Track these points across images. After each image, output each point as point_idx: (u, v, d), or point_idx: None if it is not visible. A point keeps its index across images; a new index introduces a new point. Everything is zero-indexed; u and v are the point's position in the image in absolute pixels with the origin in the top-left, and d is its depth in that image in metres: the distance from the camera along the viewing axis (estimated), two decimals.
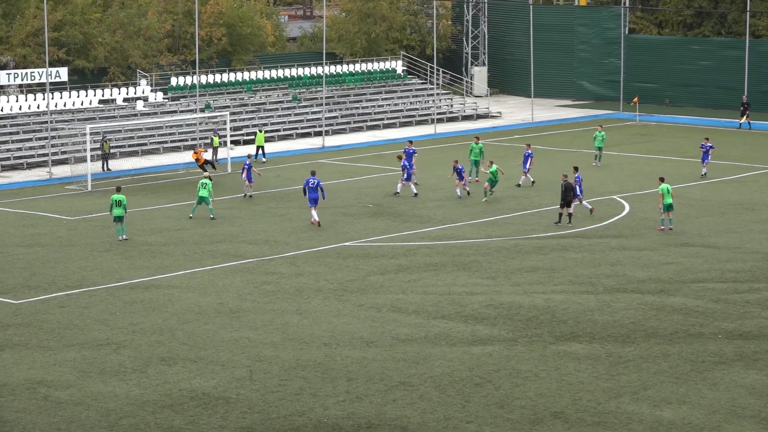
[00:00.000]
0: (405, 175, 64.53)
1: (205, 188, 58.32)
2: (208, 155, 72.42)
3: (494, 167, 62.51)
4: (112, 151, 75.42)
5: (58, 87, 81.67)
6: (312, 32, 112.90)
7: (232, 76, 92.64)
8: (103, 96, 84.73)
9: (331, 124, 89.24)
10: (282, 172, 72.72)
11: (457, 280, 48.22)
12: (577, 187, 57.91)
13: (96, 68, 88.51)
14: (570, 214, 57.05)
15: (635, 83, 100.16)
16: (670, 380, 36.69)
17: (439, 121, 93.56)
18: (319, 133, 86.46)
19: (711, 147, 70.55)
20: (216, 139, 77.38)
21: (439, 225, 58.00)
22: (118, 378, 36.98)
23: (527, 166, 67.25)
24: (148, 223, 57.94)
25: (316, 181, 57.31)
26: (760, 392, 35.66)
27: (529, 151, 67.66)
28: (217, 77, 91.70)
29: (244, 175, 64.66)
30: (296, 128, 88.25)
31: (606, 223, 58.18)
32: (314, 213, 57.38)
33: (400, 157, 66.12)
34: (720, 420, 33.51)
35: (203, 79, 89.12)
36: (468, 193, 63.89)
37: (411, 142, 70.70)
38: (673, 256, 51.75)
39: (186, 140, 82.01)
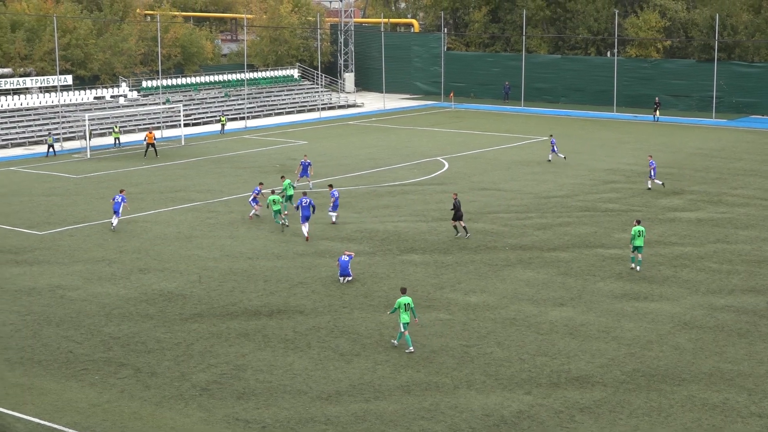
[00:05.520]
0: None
1: (276, 204, 44.65)
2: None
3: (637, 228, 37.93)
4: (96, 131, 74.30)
5: (65, 88, 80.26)
6: (237, 50, 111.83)
7: (184, 80, 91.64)
8: (96, 94, 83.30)
9: (253, 109, 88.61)
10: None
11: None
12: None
13: (91, 75, 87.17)
14: (465, 227, 43.28)
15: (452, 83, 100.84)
16: (474, 277, 37.25)
17: (323, 109, 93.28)
18: (242, 118, 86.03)
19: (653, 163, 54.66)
20: (223, 119, 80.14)
21: (322, 178, 58.06)
22: (111, 283, 36.68)
23: (309, 173, 53.57)
24: (128, 179, 57.20)
25: (308, 200, 42.84)
26: (533, 284, 36.39)
27: (308, 161, 53.48)
28: (174, 81, 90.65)
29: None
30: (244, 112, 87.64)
31: (433, 175, 58.66)
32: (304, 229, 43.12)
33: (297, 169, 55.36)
34: (507, 302, 34.19)
35: (164, 82, 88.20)
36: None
37: (306, 156, 56.73)
38: (476, 197, 52.33)
39: (153, 123, 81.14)
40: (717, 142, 71.70)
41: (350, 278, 36.34)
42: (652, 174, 54.09)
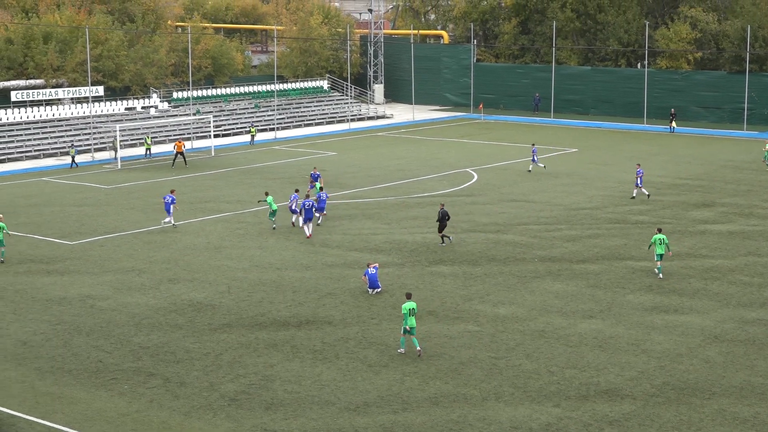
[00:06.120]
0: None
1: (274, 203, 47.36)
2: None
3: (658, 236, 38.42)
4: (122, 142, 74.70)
5: (96, 99, 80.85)
6: (267, 62, 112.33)
7: (214, 91, 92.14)
8: (127, 105, 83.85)
9: (283, 120, 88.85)
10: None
11: (365, 225, 48.41)
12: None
13: (123, 86, 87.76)
14: (446, 236, 44.00)
15: (481, 94, 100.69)
16: (503, 288, 37.15)
17: (352, 120, 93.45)
18: (272, 129, 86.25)
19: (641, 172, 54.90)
20: (253, 130, 80.00)
21: (351, 189, 58.13)
22: (140, 293, 36.87)
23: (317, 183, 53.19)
24: (159, 189, 57.49)
25: (311, 202, 45.62)
26: (562, 296, 36.26)
27: (317, 173, 54.60)
28: (204, 92, 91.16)
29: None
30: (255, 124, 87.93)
31: (462, 187, 58.62)
32: (306, 228, 45.54)
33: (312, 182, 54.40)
34: (536, 314, 34.08)
35: (195, 93, 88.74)
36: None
37: (315, 168, 57.61)
38: (505, 208, 52.24)
39: (183, 134, 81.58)
40: (748, 154, 71.22)
41: (379, 289, 36.35)
42: (639, 182, 54.31)
